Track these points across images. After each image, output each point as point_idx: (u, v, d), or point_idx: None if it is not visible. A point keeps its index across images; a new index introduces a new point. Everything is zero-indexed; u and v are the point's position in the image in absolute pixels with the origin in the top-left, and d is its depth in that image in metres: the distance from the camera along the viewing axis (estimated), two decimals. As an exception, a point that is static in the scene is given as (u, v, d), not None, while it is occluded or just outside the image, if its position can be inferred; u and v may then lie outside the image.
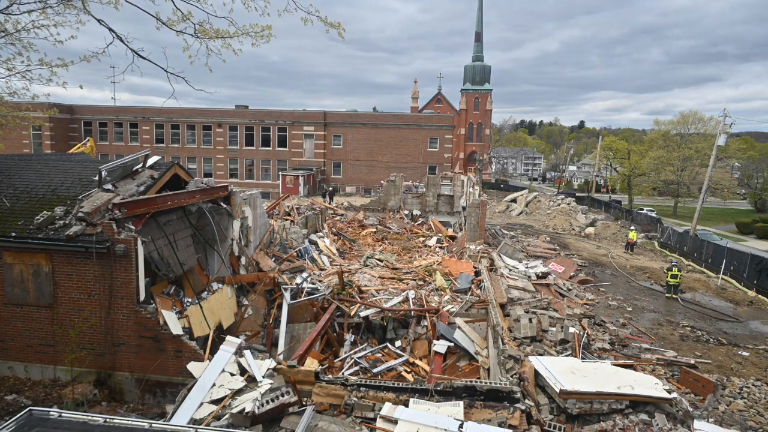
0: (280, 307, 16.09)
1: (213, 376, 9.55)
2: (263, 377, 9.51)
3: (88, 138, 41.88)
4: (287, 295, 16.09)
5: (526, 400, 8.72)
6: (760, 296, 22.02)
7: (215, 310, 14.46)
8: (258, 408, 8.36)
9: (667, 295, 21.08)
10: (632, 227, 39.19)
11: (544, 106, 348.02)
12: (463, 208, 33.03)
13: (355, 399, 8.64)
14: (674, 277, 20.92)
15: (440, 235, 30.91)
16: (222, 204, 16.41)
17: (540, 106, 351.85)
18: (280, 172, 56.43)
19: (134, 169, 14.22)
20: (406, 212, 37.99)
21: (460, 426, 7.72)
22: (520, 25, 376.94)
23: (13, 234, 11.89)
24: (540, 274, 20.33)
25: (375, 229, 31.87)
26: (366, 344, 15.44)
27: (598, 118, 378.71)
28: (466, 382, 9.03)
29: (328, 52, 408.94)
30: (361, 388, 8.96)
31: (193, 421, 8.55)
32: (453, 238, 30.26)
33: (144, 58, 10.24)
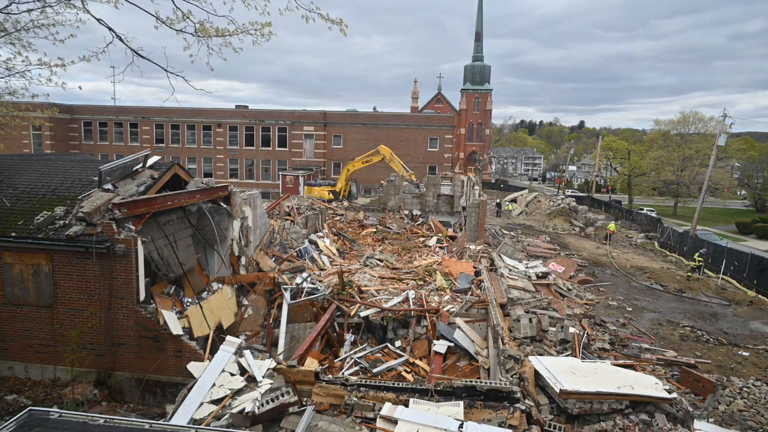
0: (280, 307, 16.08)
1: (213, 376, 9.54)
2: (263, 377, 9.51)
3: (379, 146, 40.61)
4: (287, 295, 16.08)
5: (526, 400, 8.71)
6: (760, 296, 22.02)
7: (215, 310, 14.46)
8: (258, 408, 8.36)
9: (688, 273, 25.77)
10: (613, 220, 40.81)
11: (633, 102, 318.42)
12: (463, 208, 33.03)
13: (355, 399, 8.64)
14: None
15: (440, 235, 30.90)
16: (222, 204, 16.41)
17: (627, 104, 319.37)
18: (280, 172, 56.41)
19: (134, 169, 14.22)
20: (406, 212, 37.98)
21: (460, 426, 7.71)
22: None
23: (13, 234, 11.89)
24: (540, 274, 20.31)
25: (375, 229, 31.87)
26: (366, 344, 15.43)
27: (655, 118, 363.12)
28: (466, 382, 9.02)
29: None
30: (361, 388, 8.95)
31: (193, 421, 8.55)
32: (453, 238, 30.26)
33: (144, 57, 10.23)
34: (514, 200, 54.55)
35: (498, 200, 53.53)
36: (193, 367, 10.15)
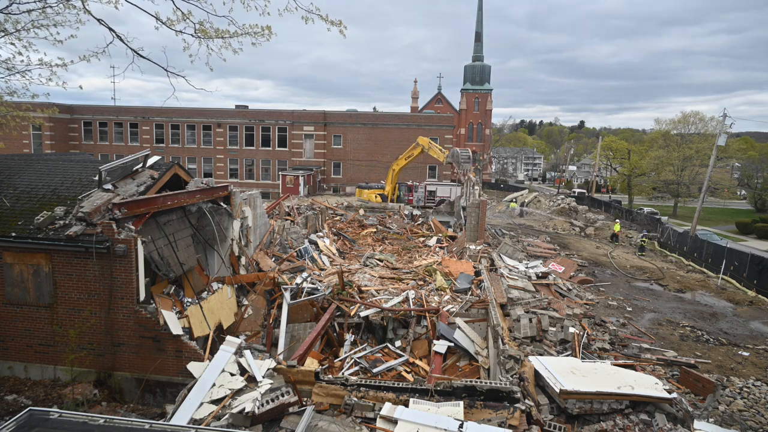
0: (280, 307, 16.08)
1: (213, 376, 9.55)
2: (263, 377, 9.51)
3: (418, 138, 38.04)
4: (287, 295, 16.08)
5: (526, 400, 8.71)
6: (760, 296, 22.01)
7: (215, 310, 14.46)
8: (258, 408, 8.36)
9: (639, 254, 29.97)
10: (616, 220, 41.31)
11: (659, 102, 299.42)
12: (463, 208, 33.01)
13: (355, 399, 8.64)
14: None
15: (440, 235, 30.88)
16: (222, 204, 16.41)
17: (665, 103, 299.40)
18: (280, 172, 56.41)
19: (134, 169, 14.21)
20: (406, 212, 37.97)
21: (460, 426, 7.71)
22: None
23: (13, 234, 11.88)
24: (540, 274, 20.30)
25: (375, 229, 31.86)
26: (366, 344, 15.43)
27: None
28: (466, 382, 9.02)
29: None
30: (361, 388, 8.95)
31: (193, 421, 8.55)
32: (453, 238, 30.24)
33: (144, 58, 10.24)
34: (514, 200, 54.61)
35: (505, 200, 53.86)
36: (193, 367, 10.15)
